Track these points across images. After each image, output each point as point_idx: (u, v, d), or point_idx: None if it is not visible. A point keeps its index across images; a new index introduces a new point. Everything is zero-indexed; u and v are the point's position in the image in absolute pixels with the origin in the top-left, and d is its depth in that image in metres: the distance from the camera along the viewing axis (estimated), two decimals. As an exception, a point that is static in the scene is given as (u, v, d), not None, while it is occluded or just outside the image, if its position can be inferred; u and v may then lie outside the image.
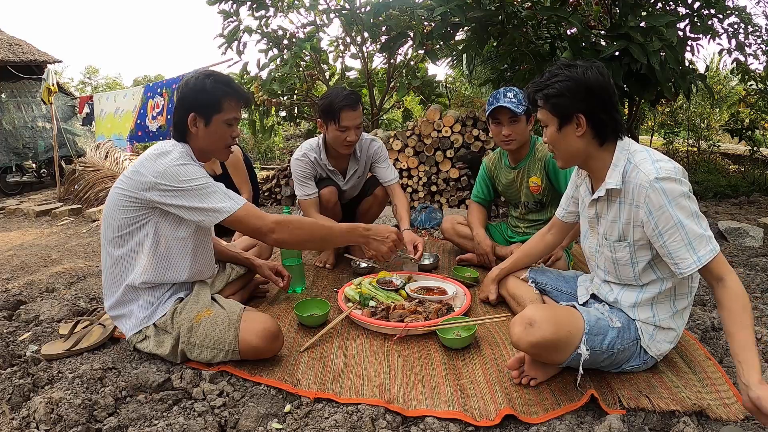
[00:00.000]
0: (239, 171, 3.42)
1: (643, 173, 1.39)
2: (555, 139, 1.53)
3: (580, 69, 1.45)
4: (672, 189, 1.35)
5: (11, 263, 3.32)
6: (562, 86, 1.45)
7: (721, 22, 4.18)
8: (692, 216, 1.35)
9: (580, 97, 1.44)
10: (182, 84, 1.71)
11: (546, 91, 1.48)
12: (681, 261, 1.37)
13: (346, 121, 2.42)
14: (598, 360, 1.47)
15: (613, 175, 1.48)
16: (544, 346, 1.39)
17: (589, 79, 1.43)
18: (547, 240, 1.99)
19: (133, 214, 1.64)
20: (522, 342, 1.40)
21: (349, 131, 2.45)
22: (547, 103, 1.49)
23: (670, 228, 1.36)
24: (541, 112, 1.54)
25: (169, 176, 1.58)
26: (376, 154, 2.75)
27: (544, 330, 1.37)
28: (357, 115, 2.44)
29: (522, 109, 2.31)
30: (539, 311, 1.43)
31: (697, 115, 7.82)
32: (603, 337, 1.45)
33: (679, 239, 1.35)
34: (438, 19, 3.41)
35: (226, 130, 1.72)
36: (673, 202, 1.35)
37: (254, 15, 5.05)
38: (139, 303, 1.70)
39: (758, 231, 3.19)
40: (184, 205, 1.60)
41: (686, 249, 1.35)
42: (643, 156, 1.44)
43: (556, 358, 1.44)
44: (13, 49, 8.30)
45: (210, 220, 1.62)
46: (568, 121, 1.48)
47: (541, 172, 2.45)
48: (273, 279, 2.15)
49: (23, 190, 7.85)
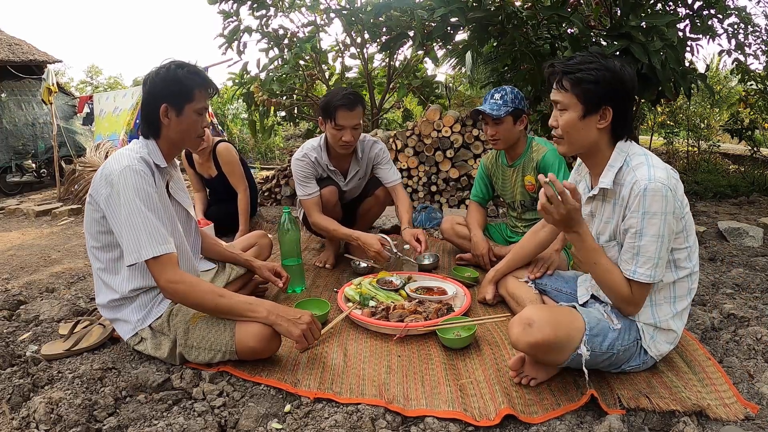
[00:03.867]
0: (235, 171, 3.41)
1: (636, 177, 1.39)
2: (573, 125, 1.46)
3: (616, 63, 1.42)
4: (652, 203, 1.35)
5: (11, 263, 3.32)
6: (598, 75, 1.40)
7: (721, 22, 4.18)
8: (656, 237, 1.37)
9: (613, 91, 1.41)
10: (150, 76, 1.68)
11: (579, 75, 1.41)
12: (623, 263, 1.45)
13: (342, 120, 2.42)
14: (597, 361, 1.47)
15: (607, 175, 1.48)
16: (543, 347, 1.38)
17: (625, 74, 1.42)
18: (540, 237, 1.98)
19: (106, 229, 1.65)
20: (521, 342, 1.40)
21: (345, 131, 2.45)
22: (577, 87, 1.42)
23: (633, 233, 1.40)
24: (564, 95, 1.45)
25: (111, 206, 1.57)
26: (378, 156, 2.74)
27: (543, 331, 1.37)
28: (354, 115, 2.43)
29: (504, 111, 2.31)
30: (538, 312, 1.43)
31: (697, 115, 7.81)
32: (603, 338, 1.45)
33: (631, 247, 1.41)
34: (438, 19, 3.40)
35: (197, 119, 1.71)
36: (647, 215, 1.37)
37: (254, 15, 5.05)
38: (132, 307, 1.70)
39: (758, 231, 3.19)
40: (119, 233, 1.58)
41: (631, 257, 1.42)
42: (640, 160, 1.44)
43: (556, 359, 1.44)
44: (13, 49, 8.30)
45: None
46: (594, 111, 1.44)
47: (535, 172, 2.46)
48: (272, 279, 2.15)
49: (23, 190, 7.84)
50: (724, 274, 2.56)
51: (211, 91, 1.74)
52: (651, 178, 1.36)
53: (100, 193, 1.60)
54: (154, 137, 1.71)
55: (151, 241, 1.53)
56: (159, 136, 1.71)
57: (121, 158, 1.60)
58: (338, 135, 2.47)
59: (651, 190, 1.35)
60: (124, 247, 1.56)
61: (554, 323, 1.39)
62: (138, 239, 1.53)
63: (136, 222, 1.53)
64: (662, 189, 1.35)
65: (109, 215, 1.58)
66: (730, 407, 1.40)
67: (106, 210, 1.59)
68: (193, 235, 1.94)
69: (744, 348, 1.75)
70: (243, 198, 3.39)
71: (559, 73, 1.46)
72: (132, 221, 1.53)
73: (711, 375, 1.55)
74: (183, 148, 1.79)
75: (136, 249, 1.53)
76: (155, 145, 1.71)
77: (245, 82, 5.58)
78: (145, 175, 1.59)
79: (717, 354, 1.73)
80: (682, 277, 1.49)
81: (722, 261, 2.82)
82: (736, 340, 1.80)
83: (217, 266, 2.14)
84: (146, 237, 1.53)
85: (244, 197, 3.39)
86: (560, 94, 1.47)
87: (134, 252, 1.53)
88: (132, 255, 1.54)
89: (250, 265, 2.16)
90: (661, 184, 1.35)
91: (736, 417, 1.37)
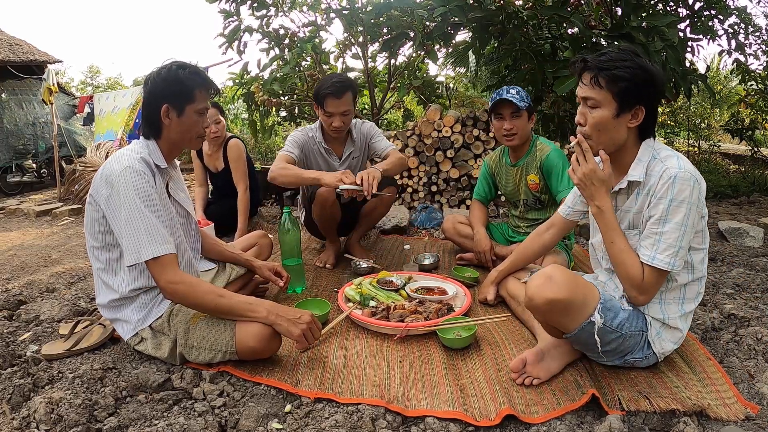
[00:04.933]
0: (238, 168, 3.44)
1: (666, 166, 1.40)
2: (605, 124, 1.43)
3: (648, 62, 1.42)
4: (681, 190, 1.36)
5: (11, 263, 3.32)
6: (633, 73, 1.38)
7: (721, 22, 4.18)
8: (680, 225, 1.37)
9: (647, 90, 1.41)
10: (152, 76, 1.69)
11: (615, 72, 1.38)
12: (643, 248, 1.44)
13: (330, 107, 2.52)
14: (606, 339, 1.45)
15: (637, 168, 1.48)
16: (558, 305, 1.38)
17: (657, 74, 1.42)
18: (544, 239, 1.98)
19: (106, 229, 1.65)
20: (537, 296, 1.39)
21: (335, 117, 2.54)
22: (614, 84, 1.39)
23: (656, 219, 1.40)
24: (598, 92, 1.41)
25: (112, 206, 1.57)
26: (369, 132, 2.81)
27: (562, 287, 1.37)
28: (342, 102, 2.51)
29: (525, 104, 2.34)
30: (559, 271, 1.42)
31: (698, 115, 7.82)
32: (615, 314, 1.45)
33: (653, 233, 1.41)
34: (438, 19, 3.40)
35: (197, 120, 1.72)
36: (675, 201, 1.37)
37: (255, 14, 5.04)
38: (132, 307, 1.70)
39: (758, 231, 3.19)
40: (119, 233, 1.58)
41: (652, 243, 1.41)
42: (669, 153, 1.46)
43: (567, 324, 1.43)
44: (13, 49, 8.30)
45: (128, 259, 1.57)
46: (627, 110, 1.42)
47: (538, 171, 2.47)
48: (272, 279, 2.15)
49: (23, 190, 7.84)
50: (725, 274, 2.56)
51: (212, 92, 1.75)
52: (681, 168, 1.38)
53: (100, 193, 1.60)
54: (155, 137, 1.72)
55: (151, 241, 1.53)
56: (160, 136, 1.71)
57: (122, 158, 1.60)
58: (329, 121, 2.57)
59: (680, 178, 1.36)
60: (124, 247, 1.56)
61: (574, 283, 1.40)
62: (138, 240, 1.53)
63: (136, 222, 1.53)
64: (691, 179, 1.36)
65: (109, 215, 1.59)
66: (731, 407, 1.40)
67: (106, 210, 1.59)
68: (193, 235, 1.94)
69: (744, 348, 1.75)
70: (243, 197, 3.40)
71: (594, 68, 1.42)
72: (132, 222, 1.53)
73: (711, 375, 1.55)
74: (183, 148, 1.79)
75: (136, 249, 1.53)
76: (156, 146, 1.71)
77: (245, 82, 5.58)
78: (145, 176, 1.59)
79: (717, 354, 1.73)
80: (693, 280, 1.50)
81: (723, 261, 2.82)
82: (737, 340, 1.80)
83: (218, 266, 2.14)
84: (146, 237, 1.53)
85: (244, 196, 3.40)
86: (594, 90, 1.43)
87: (134, 252, 1.53)
88: (132, 255, 1.54)
89: (251, 264, 2.16)
90: (690, 174, 1.37)
91: (736, 417, 1.37)
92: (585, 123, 1.47)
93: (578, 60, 1.48)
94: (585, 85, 1.46)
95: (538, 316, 1.52)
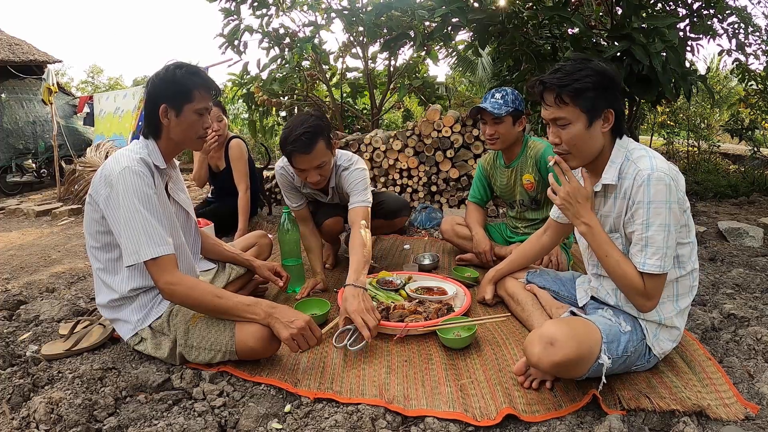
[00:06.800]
0: (239, 168, 3.45)
1: (639, 167, 1.40)
2: (581, 137, 1.44)
3: (598, 64, 1.42)
4: (658, 191, 1.35)
5: (11, 263, 3.32)
6: (594, 81, 1.39)
7: (721, 22, 4.18)
8: (663, 227, 1.36)
9: (608, 92, 1.42)
10: (152, 77, 1.69)
11: (576, 86, 1.39)
12: (633, 256, 1.44)
13: (300, 164, 2.13)
14: (614, 367, 1.44)
15: (609, 171, 1.48)
16: (567, 365, 1.34)
17: (611, 73, 1.43)
18: (543, 242, 1.99)
19: (105, 229, 1.65)
20: (543, 362, 1.34)
21: (308, 172, 2.14)
22: (578, 98, 1.40)
23: (640, 225, 1.40)
24: (565, 110, 1.43)
25: (111, 206, 1.57)
26: (349, 182, 2.31)
27: (566, 348, 1.31)
28: (312, 157, 2.09)
29: (505, 110, 2.33)
30: (559, 328, 1.37)
31: (698, 115, 7.82)
32: (618, 343, 1.44)
33: (639, 239, 1.41)
34: (438, 19, 3.40)
35: (197, 120, 1.71)
36: (653, 204, 1.36)
37: (255, 14, 5.05)
38: (132, 307, 1.70)
39: (758, 231, 3.19)
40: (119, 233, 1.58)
41: (640, 249, 1.41)
42: (641, 153, 1.45)
43: (577, 373, 1.40)
44: (13, 49, 8.31)
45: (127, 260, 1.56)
46: (597, 117, 1.43)
47: (534, 169, 2.46)
48: (272, 279, 2.15)
49: (23, 190, 7.84)
50: (725, 274, 2.56)
51: (212, 92, 1.74)
52: (653, 168, 1.37)
53: (99, 193, 1.60)
54: (155, 137, 1.72)
55: (150, 242, 1.53)
56: (159, 136, 1.71)
57: (121, 159, 1.60)
58: (303, 176, 2.19)
59: (654, 179, 1.36)
60: (123, 248, 1.56)
61: (577, 339, 1.34)
62: (137, 240, 1.53)
63: (135, 223, 1.53)
64: (665, 178, 1.36)
65: (108, 216, 1.58)
66: (730, 407, 1.40)
67: (105, 210, 1.59)
68: (192, 236, 1.94)
69: (744, 348, 1.75)
70: (243, 197, 3.40)
71: (555, 87, 1.42)
72: (131, 222, 1.53)
73: (711, 375, 1.55)
74: (183, 148, 1.79)
75: (134, 250, 1.53)
76: (155, 146, 1.71)
77: (245, 82, 5.58)
78: (144, 176, 1.59)
79: (717, 354, 1.73)
80: (684, 275, 1.50)
81: (722, 261, 2.82)
82: (736, 340, 1.80)
83: (217, 266, 2.14)
84: (145, 238, 1.53)
85: (244, 196, 3.41)
86: (560, 110, 1.43)
87: (133, 253, 1.53)
88: (131, 256, 1.54)
89: (250, 264, 2.17)
90: (663, 173, 1.36)
91: (736, 417, 1.37)
92: (561, 141, 1.47)
93: (536, 83, 1.48)
94: (550, 107, 1.45)
95: (547, 375, 1.49)
